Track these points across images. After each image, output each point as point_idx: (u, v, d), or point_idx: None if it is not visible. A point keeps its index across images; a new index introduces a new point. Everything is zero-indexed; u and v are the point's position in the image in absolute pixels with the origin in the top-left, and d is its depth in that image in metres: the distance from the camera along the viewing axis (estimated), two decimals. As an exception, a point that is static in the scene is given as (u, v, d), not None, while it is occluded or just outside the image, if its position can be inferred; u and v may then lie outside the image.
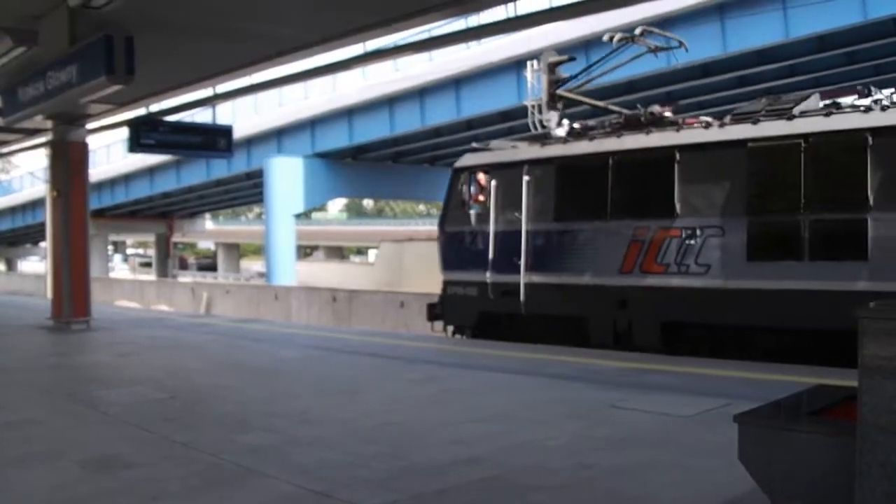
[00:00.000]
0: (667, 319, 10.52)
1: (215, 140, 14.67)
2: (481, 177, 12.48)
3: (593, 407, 6.63)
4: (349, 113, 34.74)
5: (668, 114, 11.70)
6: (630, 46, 13.23)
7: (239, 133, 22.62)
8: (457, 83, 30.29)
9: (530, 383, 7.96)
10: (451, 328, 13.00)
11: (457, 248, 12.96)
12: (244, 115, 35.98)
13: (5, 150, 19.94)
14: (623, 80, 25.91)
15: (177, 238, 66.28)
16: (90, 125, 14.68)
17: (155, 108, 14.39)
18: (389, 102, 33.00)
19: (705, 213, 10.17)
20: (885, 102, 9.56)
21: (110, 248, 72.83)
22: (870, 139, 8.99)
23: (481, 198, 12.43)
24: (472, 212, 12.50)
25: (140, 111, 14.20)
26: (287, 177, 36.82)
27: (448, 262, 13.14)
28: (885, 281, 8.60)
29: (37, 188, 43.78)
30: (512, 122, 28.60)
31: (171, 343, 12.11)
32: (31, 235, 62.57)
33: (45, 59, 9.82)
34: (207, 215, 68.27)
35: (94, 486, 4.60)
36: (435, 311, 13.28)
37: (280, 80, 13.14)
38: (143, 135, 13.97)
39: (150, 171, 44.75)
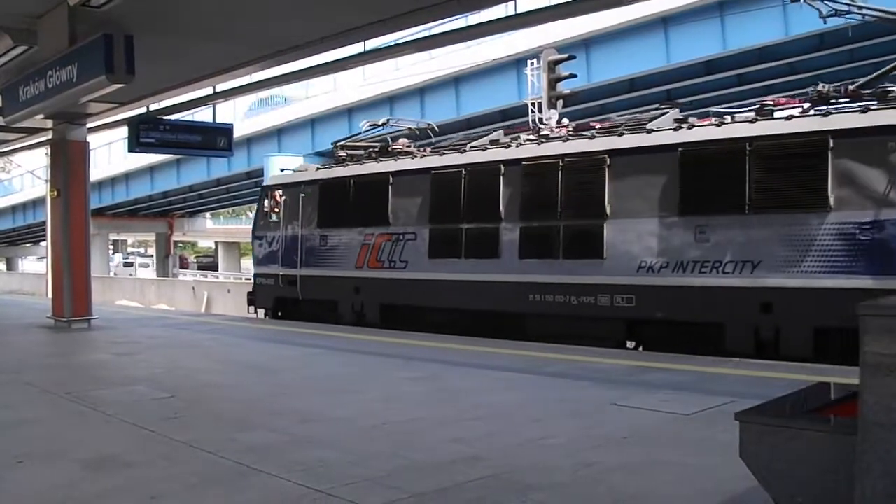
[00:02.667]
0: (383, 302, 13.95)
1: (215, 139, 14.69)
2: (277, 193, 16.30)
3: (594, 405, 6.63)
4: (349, 112, 34.67)
5: (399, 146, 15.00)
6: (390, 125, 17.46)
7: (239, 132, 22.58)
8: (456, 81, 30.22)
9: (530, 382, 7.97)
10: (262, 311, 16.81)
11: (262, 248, 16.86)
12: (244, 115, 35.94)
13: (5, 149, 19.91)
14: (624, 78, 25.92)
15: (177, 237, 66.23)
16: (90, 124, 14.65)
17: (155, 106, 14.35)
18: (389, 101, 32.94)
19: (406, 222, 13.49)
20: (521, 140, 12.59)
21: (110, 247, 72.76)
22: (502, 168, 12.14)
23: (276, 210, 16.14)
24: (271, 220, 16.30)
25: (140, 110, 14.16)
26: (287, 176, 36.76)
27: (257, 260, 17.37)
28: (511, 273, 11.81)
29: (37, 187, 43.77)
30: (512, 119, 28.57)
31: (172, 342, 12.12)
32: (32, 235, 62.56)
33: (46, 59, 9.79)
34: (208, 214, 68.21)
35: (94, 485, 4.59)
36: (250, 298, 17.23)
37: (280, 78, 13.13)
38: (144, 134, 13.96)
39: (151, 170, 44.67)
